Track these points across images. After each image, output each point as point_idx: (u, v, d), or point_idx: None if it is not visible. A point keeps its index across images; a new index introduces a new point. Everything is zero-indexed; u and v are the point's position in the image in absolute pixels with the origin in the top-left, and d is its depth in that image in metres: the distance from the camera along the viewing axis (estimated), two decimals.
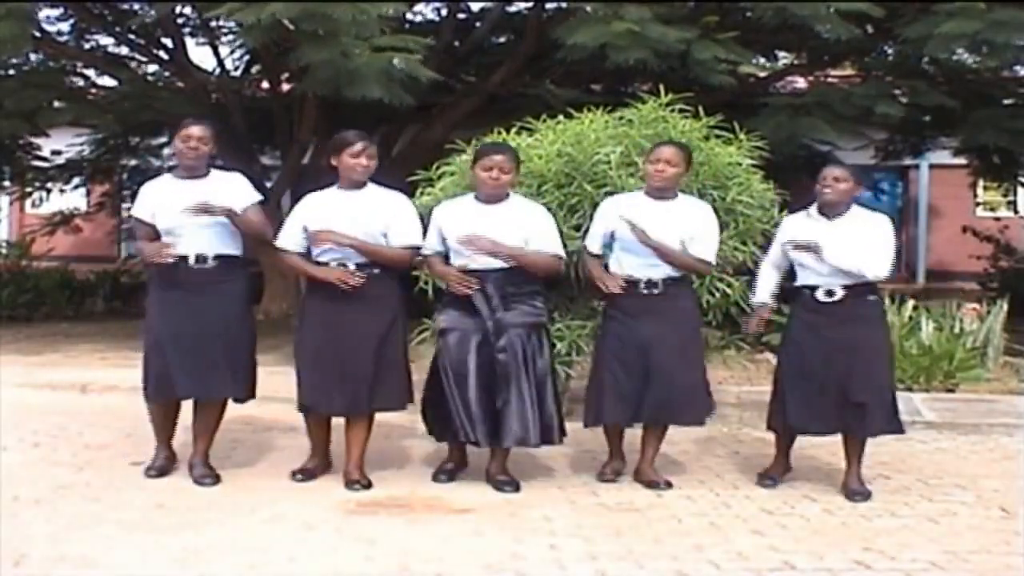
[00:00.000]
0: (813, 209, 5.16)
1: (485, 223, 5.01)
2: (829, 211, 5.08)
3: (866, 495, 5.01)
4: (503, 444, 5.00)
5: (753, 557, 4.07)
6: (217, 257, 5.03)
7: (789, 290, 5.28)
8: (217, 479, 5.08)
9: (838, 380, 4.98)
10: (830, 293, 5.03)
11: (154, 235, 5.09)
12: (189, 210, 4.93)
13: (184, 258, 5.00)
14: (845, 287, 5.01)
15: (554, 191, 5.96)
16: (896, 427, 5.19)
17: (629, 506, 4.80)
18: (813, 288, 5.07)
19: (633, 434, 5.38)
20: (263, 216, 5.21)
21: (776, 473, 5.26)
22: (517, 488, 5.03)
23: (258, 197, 5.21)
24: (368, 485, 5.04)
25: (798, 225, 5.20)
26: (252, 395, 5.25)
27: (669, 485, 5.13)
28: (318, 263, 5.08)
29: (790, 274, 5.29)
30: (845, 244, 4.97)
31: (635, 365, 5.06)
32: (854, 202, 5.14)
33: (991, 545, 4.30)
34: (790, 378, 5.13)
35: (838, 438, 5.21)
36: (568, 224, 5.78)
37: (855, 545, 4.24)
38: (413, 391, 5.21)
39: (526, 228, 5.06)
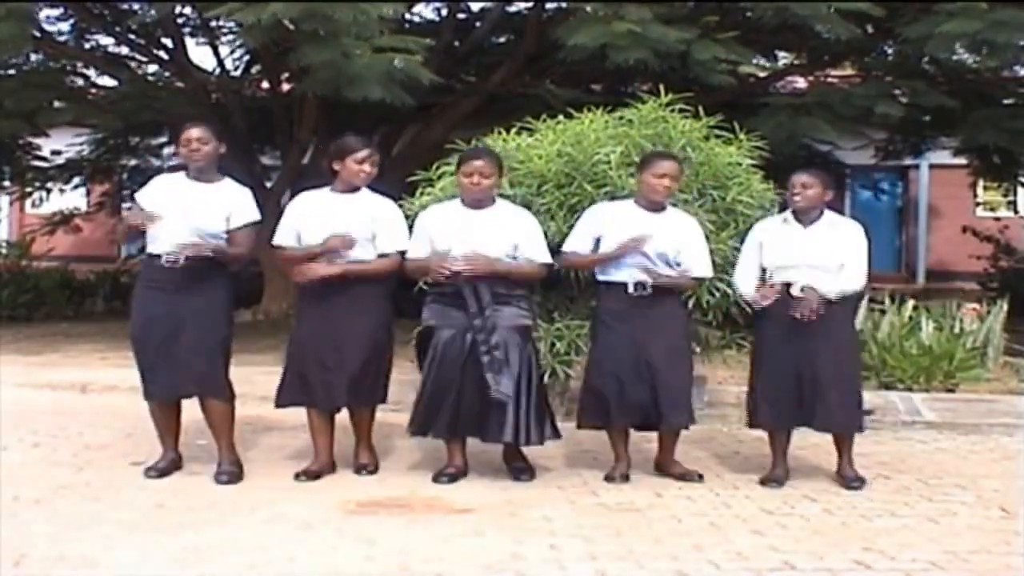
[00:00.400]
0: (788, 214, 5.26)
1: (472, 229, 5.07)
2: (803, 217, 5.18)
3: (862, 481, 5.15)
4: (486, 440, 5.12)
5: (753, 557, 4.07)
6: (189, 258, 5.00)
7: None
8: (232, 478, 5.09)
9: (811, 375, 5.07)
10: (805, 291, 5.09)
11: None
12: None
13: (159, 256, 5.04)
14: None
15: (554, 191, 5.96)
16: (860, 425, 5.31)
17: (629, 506, 4.80)
18: (788, 285, 5.13)
19: (634, 433, 5.41)
20: (251, 240, 5.19)
21: (780, 475, 5.26)
22: (532, 475, 5.19)
23: (256, 218, 5.20)
24: (376, 468, 5.26)
25: (774, 231, 5.27)
26: (223, 394, 5.17)
27: (700, 477, 5.25)
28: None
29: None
30: (822, 251, 5.10)
31: (628, 366, 5.10)
32: (826, 207, 5.25)
33: (991, 545, 4.30)
34: (768, 377, 5.20)
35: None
36: (568, 224, 5.77)
37: (855, 545, 4.24)
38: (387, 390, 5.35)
39: (514, 234, 5.12)
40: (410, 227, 5.34)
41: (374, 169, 5.20)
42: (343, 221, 5.09)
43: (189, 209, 4.98)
